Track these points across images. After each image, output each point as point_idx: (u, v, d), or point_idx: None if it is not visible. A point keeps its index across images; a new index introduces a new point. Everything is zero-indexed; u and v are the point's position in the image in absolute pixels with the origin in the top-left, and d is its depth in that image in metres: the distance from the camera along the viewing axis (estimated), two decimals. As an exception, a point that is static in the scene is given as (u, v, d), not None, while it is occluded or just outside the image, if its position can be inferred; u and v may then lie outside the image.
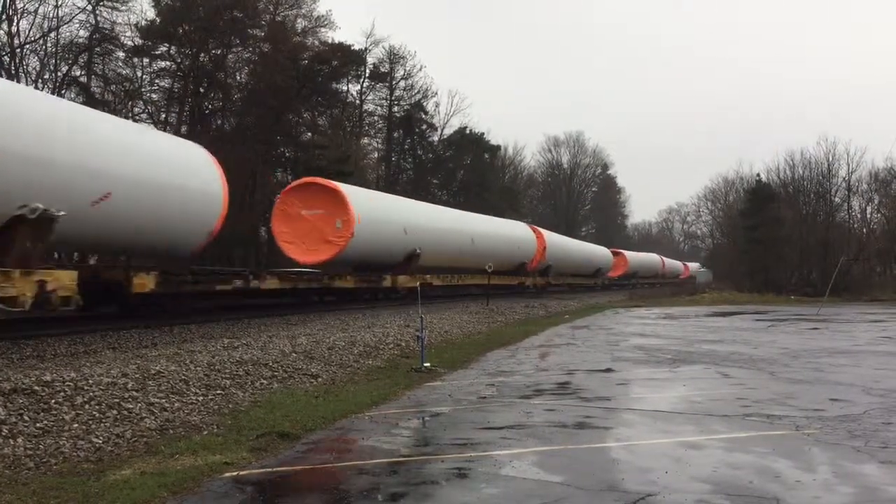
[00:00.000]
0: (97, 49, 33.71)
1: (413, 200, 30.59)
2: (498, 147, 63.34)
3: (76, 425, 6.90)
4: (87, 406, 7.40)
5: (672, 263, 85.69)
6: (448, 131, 57.37)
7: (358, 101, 50.51)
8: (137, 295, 13.83)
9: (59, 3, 31.27)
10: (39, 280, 11.02)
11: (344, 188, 22.66)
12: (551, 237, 42.55)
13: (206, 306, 17.35)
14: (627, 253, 67.45)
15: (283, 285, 19.01)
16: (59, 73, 32.07)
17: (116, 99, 34.73)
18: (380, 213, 23.78)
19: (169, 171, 14.93)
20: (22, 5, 30.27)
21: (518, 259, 36.19)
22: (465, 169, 57.24)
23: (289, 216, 22.07)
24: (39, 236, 11.41)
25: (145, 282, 13.90)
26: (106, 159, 13.05)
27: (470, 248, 29.84)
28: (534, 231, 39.73)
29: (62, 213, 11.45)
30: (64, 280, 11.55)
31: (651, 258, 76.64)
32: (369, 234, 22.35)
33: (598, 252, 55.57)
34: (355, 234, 21.56)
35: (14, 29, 30.04)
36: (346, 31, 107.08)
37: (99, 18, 32.80)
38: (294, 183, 24.16)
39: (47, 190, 11.38)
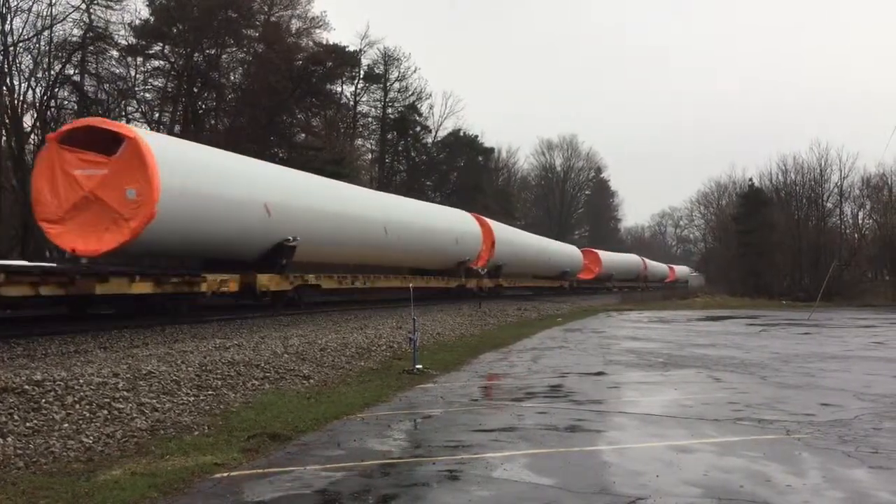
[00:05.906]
0: (91, 48, 33.57)
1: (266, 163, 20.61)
2: (491, 149, 63.35)
3: (66, 425, 6.87)
4: (77, 406, 7.36)
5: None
6: (442, 133, 57.46)
7: (352, 103, 50.57)
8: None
9: (53, 1, 31.16)
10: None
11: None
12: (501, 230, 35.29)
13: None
14: None
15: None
16: (52, 72, 31.94)
17: (110, 98, 34.62)
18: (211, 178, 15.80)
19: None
20: (15, 3, 30.08)
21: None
22: (459, 171, 57.21)
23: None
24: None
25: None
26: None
27: (383, 241, 23.15)
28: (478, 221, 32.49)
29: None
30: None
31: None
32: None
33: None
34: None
35: (7, 27, 29.92)
36: (341, 33, 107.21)
37: (93, 17, 32.67)
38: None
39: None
